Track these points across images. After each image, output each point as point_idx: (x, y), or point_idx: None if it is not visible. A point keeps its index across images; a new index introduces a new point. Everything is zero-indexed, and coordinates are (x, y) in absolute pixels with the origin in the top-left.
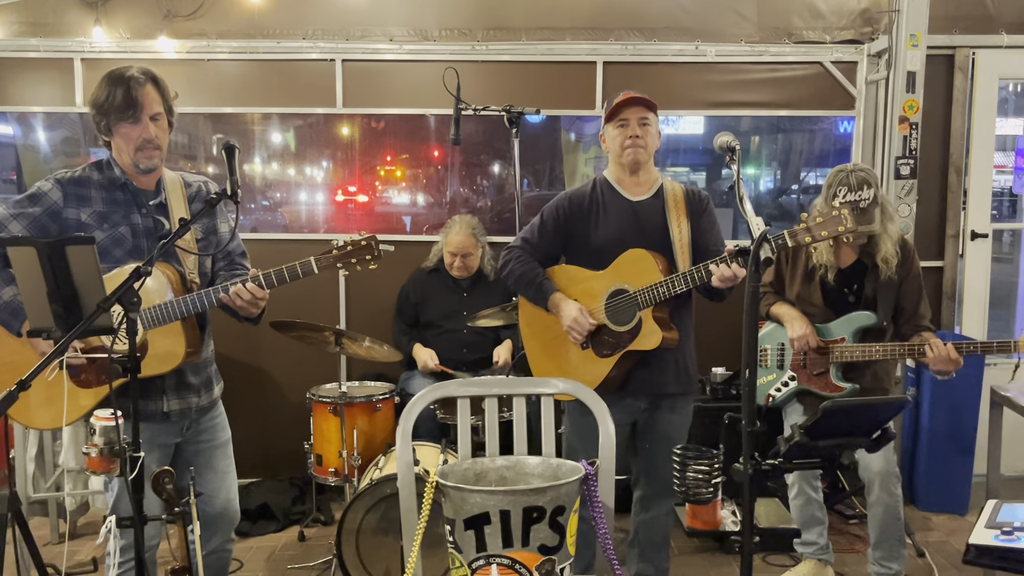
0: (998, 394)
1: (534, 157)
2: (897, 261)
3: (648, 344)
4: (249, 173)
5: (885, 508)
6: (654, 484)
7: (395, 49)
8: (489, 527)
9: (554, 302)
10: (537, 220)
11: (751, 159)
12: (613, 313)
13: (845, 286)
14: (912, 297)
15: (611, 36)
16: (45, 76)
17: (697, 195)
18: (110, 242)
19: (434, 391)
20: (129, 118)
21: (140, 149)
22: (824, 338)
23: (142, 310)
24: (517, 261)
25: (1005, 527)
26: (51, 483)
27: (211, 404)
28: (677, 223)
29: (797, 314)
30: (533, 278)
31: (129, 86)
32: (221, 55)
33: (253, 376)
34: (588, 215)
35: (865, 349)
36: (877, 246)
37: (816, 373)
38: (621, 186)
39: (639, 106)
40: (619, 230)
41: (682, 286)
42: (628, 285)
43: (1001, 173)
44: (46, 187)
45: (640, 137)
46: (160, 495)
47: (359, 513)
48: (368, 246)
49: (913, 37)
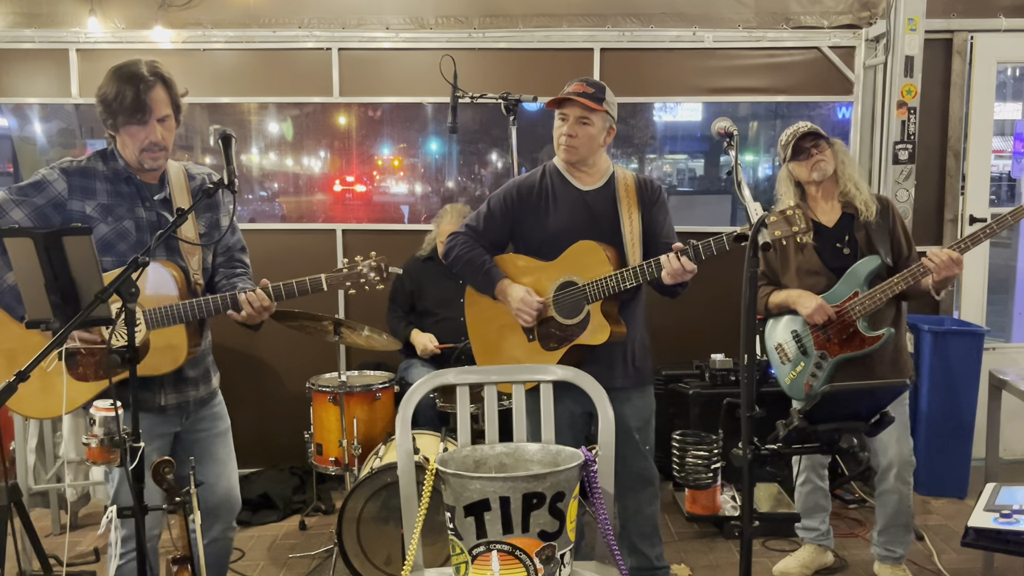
0: (996, 378)
1: (532, 145)
2: (878, 207)
3: (596, 339)
4: (246, 163)
5: (898, 496)
6: (624, 476)
7: (391, 37)
8: (489, 514)
9: (501, 288)
10: (484, 208)
11: (749, 145)
12: (561, 305)
13: (836, 241)
14: (903, 242)
15: (608, 23)
16: (40, 67)
17: (650, 185)
18: (114, 235)
19: (433, 379)
20: (137, 121)
21: (145, 150)
22: (836, 302)
23: (147, 310)
24: (463, 247)
25: (1004, 510)
26: (52, 474)
27: (210, 395)
28: (628, 214)
29: (801, 291)
30: (480, 264)
31: (139, 89)
32: (217, 45)
33: (253, 366)
34: (537, 204)
35: (875, 292)
36: (843, 183)
37: (844, 337)
38: (571, 175)
39: (578, 105)
40: (569, 220)
41: (631, 281)
42: (577, 277)
43: (999, 158)
44: (51, 176)
45: (574, 136)
46: (160, 485)
47: (360, 502)
48: (378, 267)
49: (911, 21)
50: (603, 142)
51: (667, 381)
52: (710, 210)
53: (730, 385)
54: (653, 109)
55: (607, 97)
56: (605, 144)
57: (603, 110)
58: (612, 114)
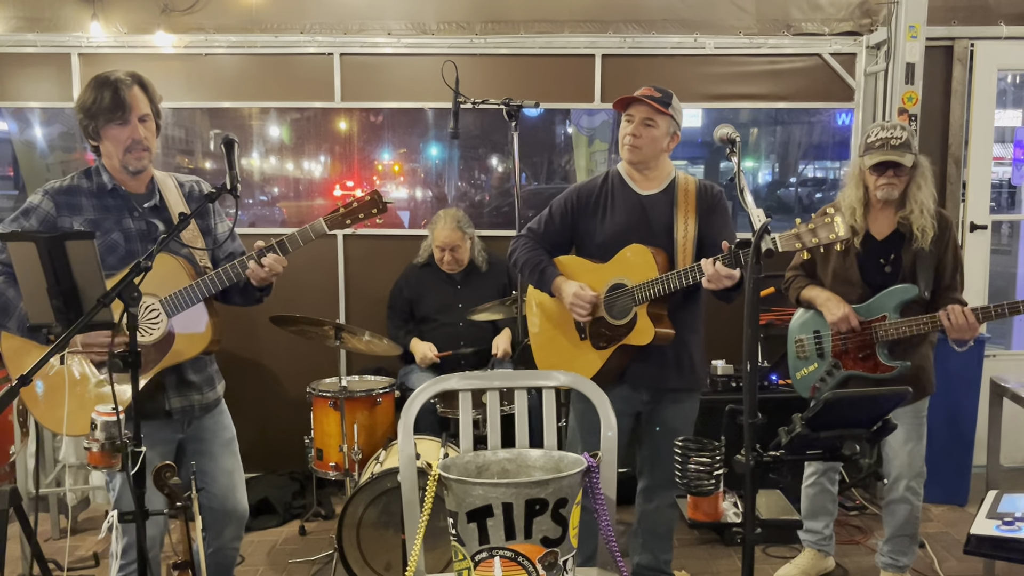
0: (998, 385)
1: (533, 151)
2: (934, 234)
3: (641, 340)
4: (247, 168)
5: (908, 507)
6: (657, 475)
7: (393, 43)
8: (492, 520)
9: (556, 285)
10: (546, 212)
11: (750, 152)
12: (611, 306)
13: (881, 256)
14: (948, 270)
15: (609, 29)
16: (42, 71)
17: (710, 190)
18: (103, 250)
19: (436, 384)
20: (118, 119)
21: (129, 150)
22: (864, 317)
23: (164, 298)
24: (523, 249)
25: (1006, 517)
26: (52, 478)
27: (214, 402)
28: (683, 219)
29: (831, 295)
30: (537, 263)
31: (117, 88)
32: (219, 49)
33: (253, 371)
34: (596, 208)
35: (900, 324)
36: (910, 205)
37: (861, 356)
38: (632, 179)
39: (645, 106)
40: (625, 224)
41: (674, 285)
42: (627, 280)
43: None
44: (36, 199)
45: (638, 137)
46: (162, 490)
47: (360, 507)
48: (372, 200)
49: (912, 28)
50: (667, 147)
51: None
52: None
53: (732, 392)
54: None
55: (673, 103)
56: (669, 149)
57: (669, 114)
58: (678, 120)
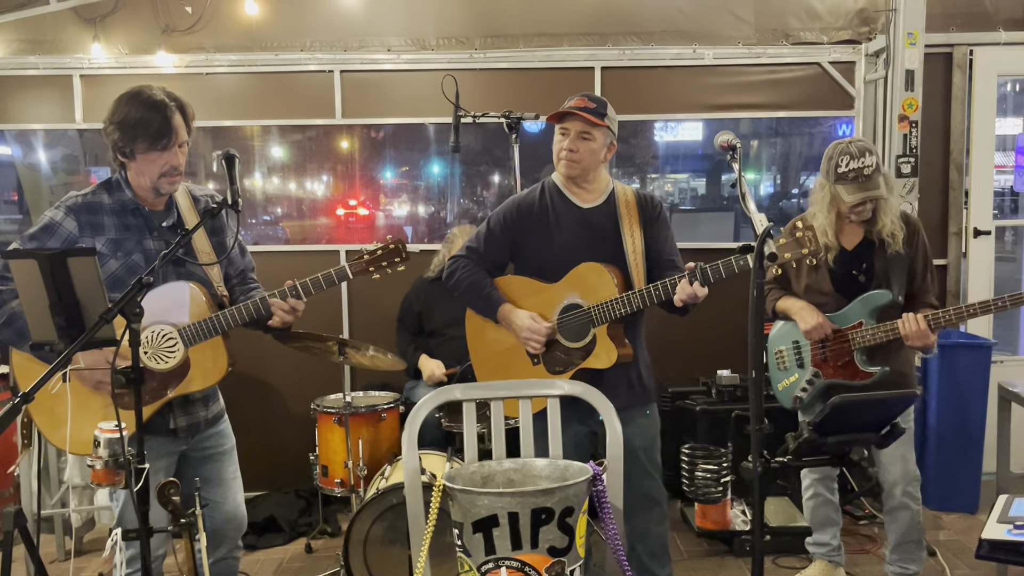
0: (1006, 390)
1: (534, 165)
2: (904, 236)
3: (602, 363)
4: (249, 187)
5: (907, 513)
6: (630, 496)
7: (393, 59)
8: (498, 530)
9: (503, 313)
10: (483, 228)
11: (750, 163)
12: (566, 329)
13: (853, 267)
14: (920, 272)
15: (608, 41)
16: (44, 93)
17: (650, 200)
18: (124, 271)
19: (439, 395)
20: (161, 147)
21: (165, 175)
22: (840, 326)
23: (183, 328)
24: (464, 270)
25: (1017, 521)
26: (56, 499)
27: (217, 416)
28: (630, 231)
29: (804, 304)
30: (481, 288)
31: (166, 115)
32: (219, 68)
33: (257, 388)
34: (538, 222)
35: (876, 330)
36: (882, 220)
37: (840, 364)
38: (571, 192)
39: (579, 119)
40: (570, 239)
41: (640, 304)
42: (582, 300)
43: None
44: (58, 216)
45: (575, 151)
46: (166, 507)
47: (366, 523)
48: (396, 249)
49: (911, 36)
50: (604, 158)
51: (674, 399)
52: (713, 227)
53: (737, 401)
54: (654, 129)
55: (609, 113)
56: (606, 160)
57: (605, 125)
58: (613, 130)
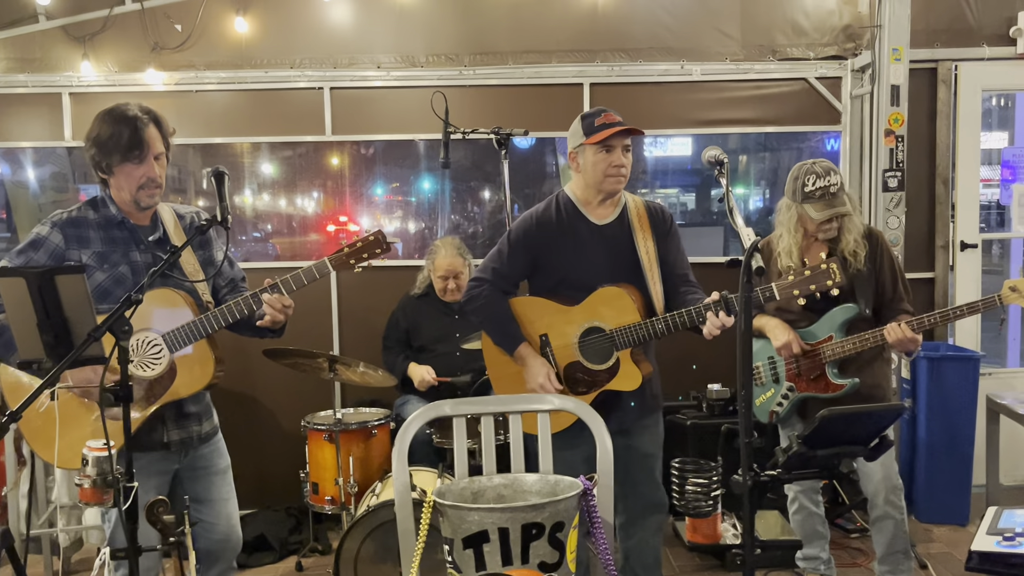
0: (995, 403)
1: (524, 182)
2: (866, 252)
3: (628, 386)
4: (240, 204)
5: (890, 522)
6: (635, 504)
7: (383, 76)
8: (488, 545)
9: (520, 355)
10: (504, 246)
11: (739, 178)
12: (588, 351)
13: None
14: (889, 284)
15: (597, 58)
16: (33, 111)
17: (661, 213)
18: (111, 283)
19: (429, 411)
20: (135, 158)
21: (143, 188)
22: (810, 341)
23: (166, 333)
24: (485, 299)
25: (1006, 533)
26: (44, 519)
27: (211, 432)
28: (644, 244)
29: (777, 322)
30: (502, 323)
31: (136, 126)
32: (209, 86)
33: (247, 405)
34: (556, 239)
35: (845, 343)
36: (845, 239)
37: (813, 377)
38: (587, 208)
39: (624, 135)
40: (590, 256)
41: (664, 331)
42: (604, 324)
43: (987, 187)
44: (44, 231)
45: (624, 166)
46: (155, 525)
47: (356, 541)
48: (376, 240)
49: (896, 51)
50: None
51: (664, 413)
52: (703, 242)
53: (728, 415)
54: (644, 144)
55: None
56: None
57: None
58: None
